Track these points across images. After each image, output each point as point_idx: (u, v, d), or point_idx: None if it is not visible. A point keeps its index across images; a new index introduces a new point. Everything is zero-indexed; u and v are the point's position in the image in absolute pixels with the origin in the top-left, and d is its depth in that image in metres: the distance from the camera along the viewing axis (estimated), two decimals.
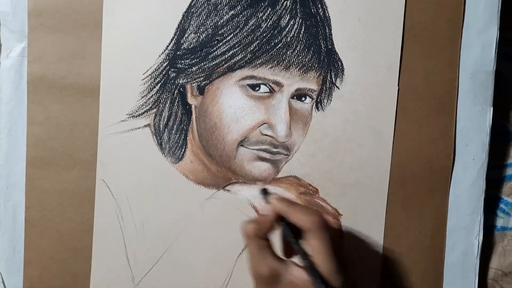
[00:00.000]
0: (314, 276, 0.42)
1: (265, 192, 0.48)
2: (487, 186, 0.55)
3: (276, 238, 0.47)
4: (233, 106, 0.53)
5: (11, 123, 0.54)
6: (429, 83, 0.54)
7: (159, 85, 0.53)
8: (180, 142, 0.54)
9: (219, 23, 0.52)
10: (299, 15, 0.52)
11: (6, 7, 0.53)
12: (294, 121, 0.53)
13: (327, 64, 0.53)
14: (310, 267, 0.42)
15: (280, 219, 0.45)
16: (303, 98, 0.53)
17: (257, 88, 0.53)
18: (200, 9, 0.52)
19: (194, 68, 0.53)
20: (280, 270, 0.43)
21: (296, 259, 0.44)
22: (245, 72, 0.52)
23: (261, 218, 0.46)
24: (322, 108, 0.54)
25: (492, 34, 0.54)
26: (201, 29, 0.52)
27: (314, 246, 0.43)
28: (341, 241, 0.48)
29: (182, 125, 0.54)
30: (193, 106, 0.54)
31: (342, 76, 0.54)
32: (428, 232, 0.56)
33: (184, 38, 0.53)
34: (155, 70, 0.53)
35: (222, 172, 0.54)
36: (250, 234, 0.44)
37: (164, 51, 0.53)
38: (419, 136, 0.55)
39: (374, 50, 0.53)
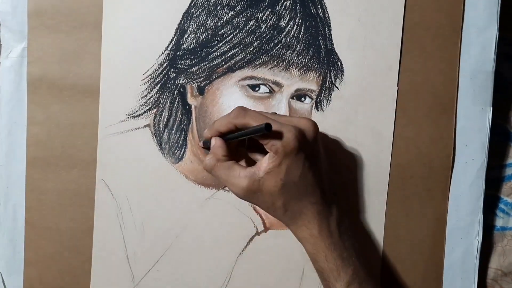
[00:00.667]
0: (251, 128, 0.44)
1: (205, 143, 0.50)
2: (487, 186, 0.55)
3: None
4: (233, 106, 0.52)
5: (11, 123, 0.54)
6: (429, 83, 0.54)
7: (159, 85, 0.53)
8: (180, 142, 0.54)
9: (219, 23, 0.52)
10: (298, 15, 0.52)
11: (6, 7, 0.53)
12: None
13: (326, 65, 0.53)
14: (245, 132, 0.44)
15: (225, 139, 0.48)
16: (302, 99, 0.54)
17: (257, 88, 0.53)
18: (200, 10, 0.52)
19: (194, 69, 0.53)
20: (254, 172, 0.45)
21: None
22: (245, 72, 0.52)
23: (212, 149, 0.47)
24: (321, 109, 0.54)
25: (492, 34, 0.54)
26: (201, 30, 0.53)
27: (246, 121, 0.45)
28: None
29: (182, 125, 0.54)
30: (193, 106, 0.54)
31: (341, 77, 0.54)
32: (428, 232, 0.56)
33: (184, 38, 0.53)
34: (155, 71, 0.53)
35: None
36: (212, 164, 0.47)
37: (164, 51, 0.53)
38: (418, 136, 0.55)
39: (374, 50, 0.54)
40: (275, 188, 0.44)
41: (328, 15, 0.53)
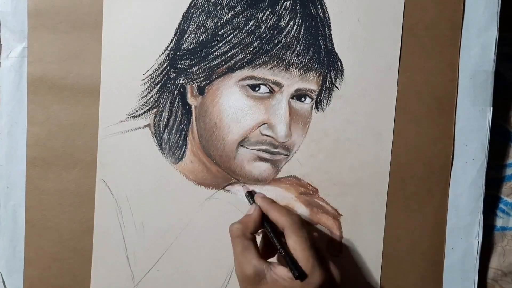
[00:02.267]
0: (290, 261, 0.44)
1: (250, 195, 0.52)
2: (487, 186, 0.55)
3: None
4: (233, 106, 0.53)
5: (11, 123, 0.54)
6: (429, 83, 0.54)
7: (159, 85, 0.53)
8: (180, 142, 0.54)
9: (219, 23, 0.52)
10: (299, 15, 0.52)
11: (6, 7, 0.53)
12: (294, 122, 0.53)
13: (326, 65, 0.53)
14: (286, 254, 0.45)
15: (263, 220, 0.49)
16: (302, 99, 0.54)
17: (257, 88, 0.53)
18: (200, 10, 0.52)
19: (194, 69, 0.53)
20: (264, 269, 0.45)
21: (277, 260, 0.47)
22: (245, 72, 0.52)
23: (245, 218, 0.49)
24: (321, 109, 0.54)
25: (492, 34, 0.54)
26: (201, 30, 0.53)
27: (291, 243, 0.45)
28: (318, 240, 0.50)
29: (182, 125, 0.54)
30: (193, 106, 0.54)
31: (341, 77, 0.54)
32: (428, 232, 0.56)
33: (184, 38, 0.53)
34: (155, 71, 0.53)
35: (222, 172, 0.54)
36: (235, 234, 0.47)
37: (164, 51, 0.53)
38: (418, 136, 0.55)
39: (374, 50, 0.54)
40: None
41: (328, 15, 0.53)
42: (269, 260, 0.47)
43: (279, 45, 0.52)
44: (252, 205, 0.51)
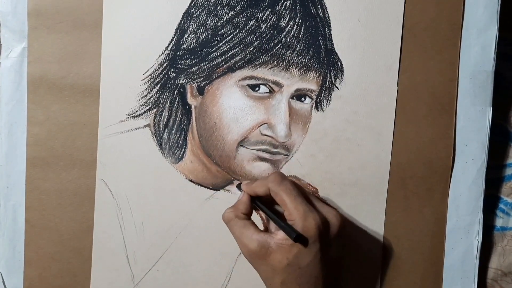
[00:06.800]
0: (285, 226, 0.45)
1: (239, 186, 0.53)
2: (487, 186, 0.55)
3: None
4: (233, 106, 0.53)
5: (11, 123, 0.54)
6: (429, 83, 0.54)
7: (159, 85, 0.53)
8: (180, 142, 0.54)
9: (219, 23, 0.52)
10: (298, 15, 0.52)
11: (6, 7, 0.53)
12: (293, 122, 0.53)
13: (326, 65, 0.53)
14: (279, 221, 0.46)
15: (253, 200, 0.50)
16: (302, 99, 0.54)
17: (257, 88, 0.53)
18: (200, 10, 0.52)
19: (194, 69, 0.53)
20: (267, 240, 0.45)
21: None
22: (245, 72, 0.52)
23: (236, 203, 0.50)
24: (321, 109, 0.54)
25: (492, 34, 0.54)
26: (201, 30, 0.53)
27: (279, 199, 0.47)
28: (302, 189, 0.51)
29: (182, 125, 0.54)
30: (193, 106, 0.54)
31: (341, 77, 0.54)
32: (428, 232, 0.56)
33: (184, 38, 0.53)
34: (155, 71, 0.53)
35: (222, 172, 0.54)
36: (230, 217, 0.48)
37: (164, 51, 0.53)
38: (418, 136, 0.55)
39: (374, 50, 0.54)
40: (279, 264, 0.45)
41: (328, 15, 0.53)
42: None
43: (279, 45, 0.52)
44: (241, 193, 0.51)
